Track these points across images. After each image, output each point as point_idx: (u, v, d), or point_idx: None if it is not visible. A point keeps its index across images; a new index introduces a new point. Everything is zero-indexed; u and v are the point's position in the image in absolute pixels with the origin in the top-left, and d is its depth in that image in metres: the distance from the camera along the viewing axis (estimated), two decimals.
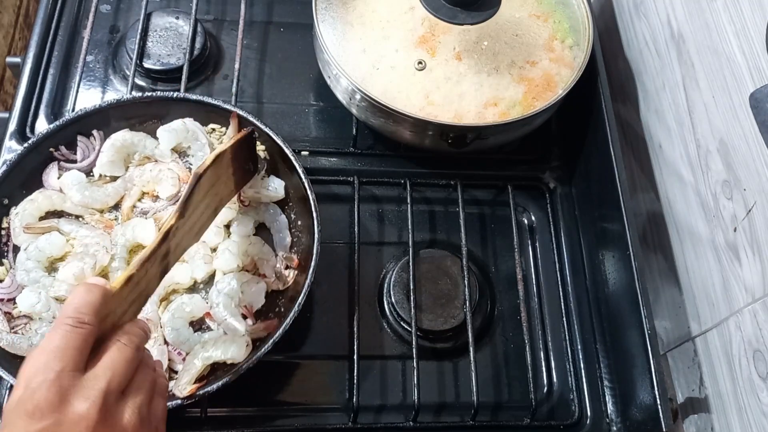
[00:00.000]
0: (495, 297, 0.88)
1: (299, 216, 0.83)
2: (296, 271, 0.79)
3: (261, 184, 0.82)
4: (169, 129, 0.83)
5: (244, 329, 0.74)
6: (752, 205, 0.71)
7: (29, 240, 0.77)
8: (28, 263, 0.76)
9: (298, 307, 0.72)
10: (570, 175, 0.97)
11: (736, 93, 0.73)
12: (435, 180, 0.93)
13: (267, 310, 0.78)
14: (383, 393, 0.81)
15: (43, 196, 0.79)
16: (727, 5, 0.75)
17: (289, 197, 0.84)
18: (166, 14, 0.99)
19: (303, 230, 0.82)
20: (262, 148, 0.84)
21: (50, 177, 0.81)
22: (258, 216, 0.82)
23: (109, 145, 0.82)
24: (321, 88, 0.96)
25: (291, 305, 0.74)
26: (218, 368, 0.74)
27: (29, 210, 0.78)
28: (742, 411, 0.73)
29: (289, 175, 0.82)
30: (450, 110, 0.84)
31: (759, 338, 0.70)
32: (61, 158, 0.82)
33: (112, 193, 0.81)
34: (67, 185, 0.80)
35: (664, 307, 0.90)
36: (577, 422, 0.82)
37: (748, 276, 0.72)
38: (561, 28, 0.91)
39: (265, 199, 0.82)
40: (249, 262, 0.79)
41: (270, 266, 0.79)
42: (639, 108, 0.96)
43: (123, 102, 0.83)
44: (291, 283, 0.79)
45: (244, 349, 0.72)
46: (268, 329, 0.75)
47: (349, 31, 0.87)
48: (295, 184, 0.82)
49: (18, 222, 0.78)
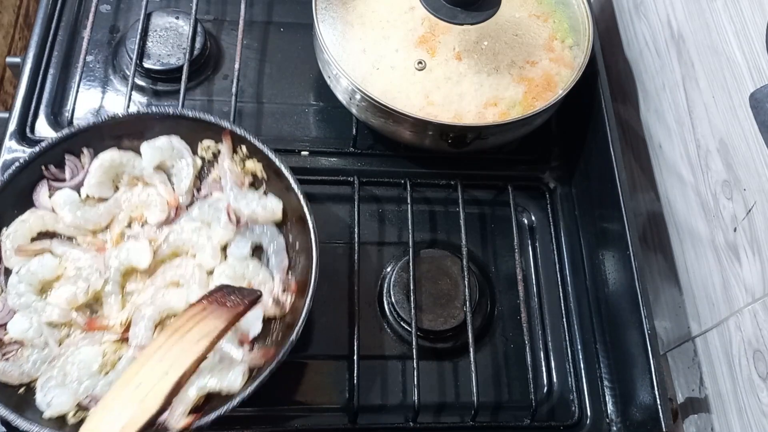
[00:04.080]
0: (495, 297, 0.88)
1: (297, 237, 0.79)
2: (294, 296, 0.76)
3: (258, 205, 0.79)
4: (153, 146, 0.80)
5: (241, 357, 0.72)
6: (752, 205, 0.71)
7: (21, 262, 0.75)
8: (20, 286, 0.73)
9: (296, 335, 0.70)
10: (570, 175, 0.97)
11: (736, 93, 0.73)
12: (435, 180, 0.93)
13: (263, 336, 0.75)
14: (383, 393, 0.81)
15: (34, 216, 0.77)
16: (727, 5, 0.75)
17: (286, 218, 0.80)
18: (166, 14, 0.99)
19: (301, 252, 0.78)
20: (259, 167, 0.81)
21: (41, 196, 0.78)
22: (255, 237, 0.79)
23: (97, 166, 0.79)
24: (321, 88, 0.96)
25: (288, 331, 0.71)
26: (214, 396, 0.71)
27: (21, 231, 0.76)
28: (742, 411, 0.73)
29: (287, 195, 0.79)
30: (450, 110, 0.84)
31: (759, 338, 0.70)
32: (51, 177, 0.79)
33: (104, 213, 0.79)
34: (59, 205, 0.77)
35: (664, 307, 0.90)
36: (577, 422, 0.82)
37: (748, 276, 0.72)
38: (561, 28, 0.91)
39: (262, 220, 0.79)
40: (246, 286, 0.77)
41: (267, 291, 0.76)
42: (639, 108, 0.96)
43: (118, 119, 0.80)
44: (288, 309, 0.76)
45: (241, 378, 0.70)
46: (266, 357, 0.72)
47: (349, 31, 0.87)
48: (293, 204, 0.78)
49: (9, 244, 0.75)
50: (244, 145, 0.81)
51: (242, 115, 0.95)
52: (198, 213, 0.80)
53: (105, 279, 0.76)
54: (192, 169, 0.81)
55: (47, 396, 0.69)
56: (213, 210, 0.80)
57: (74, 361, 0.71)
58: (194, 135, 0.82)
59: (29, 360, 0.71)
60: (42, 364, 0.71)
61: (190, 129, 0.81)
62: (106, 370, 0.72)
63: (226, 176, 0.81)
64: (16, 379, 0.70)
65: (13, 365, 0.71)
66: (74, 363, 0.71)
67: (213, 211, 0.79)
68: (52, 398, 0.69)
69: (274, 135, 0.94)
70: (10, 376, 0.70)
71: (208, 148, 0.83)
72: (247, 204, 0.79)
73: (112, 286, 0.76)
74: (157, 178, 0.81)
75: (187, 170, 0.81)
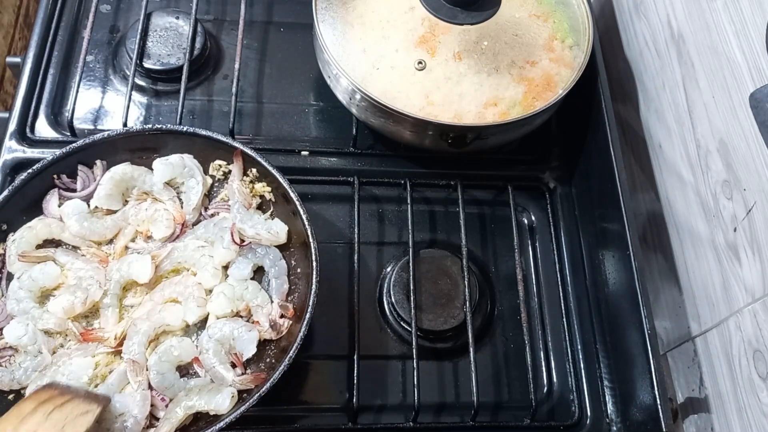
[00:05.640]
0: (495, 297, 0.88)
1: (299, 262, 0.79)
2: (291, 321, 0.76)
3: (263, 227, 0.80)
4: (165, 162, 0.81)
5: (232, 379, 0.72)
6: (752, 205, 0.71)
7: (23, 268, 0.75)
8: (19, 292, 0.74)
9: (289, 360, 0.69)
10: (570, 175, 0.97)
11: (736, 93, 0.73)
12: (435, 180, 0.93)
13: (257, 359, 0.75)
14: (383, 393, 0.81)
15: (42, 224, 0.78)
16: (727, 5, 0.75)
17: (291, 242, 0.80)
18: (166, 14, 0.99)
19: (302, 277, 0.79)
20: (268, 190, 0.82)
21: (50, 205, 0.79)
22: (257, 259, 0.79)
23: (108, 178, 0.80)
24: (321, 88, 0.96)
25: (282, 356, 0.71)
26: (201, 418, 0.71)
27: (27, 237, 0.76)
28: (742, 411, 0.73)
29: (293, 220, 0.79)
30: (450, 110, 0.84)
31: (759, 338, 0.70)
32: (62, 186, 0.80)
33: (110, 226, 0.79)
34: (67, 214, 0.78)
35: (664, 307, 0.90)
36: (577, 422, 0.82)
37: (748, 276, 0.72)
38: (561, 28, 0.91)
39: (266, 242, 0.80)
40: (243, 307, 0.77)
41: (264, 314, 0.76)
42: (639, 108, 0.96)
43: (133, 133, 0.81)
44: (285, 333, 0.76)
45: (229, 401, 0.69)
46: (256, 382, 0.72)
47: (349, 31, 0.87)
48: (297, 230, 0.79)
49: (14, 249, 0.76)
50: (255, 167, 0.82)
51: (242, 115, 0.95)
52: (203, 231, 0.80)
53: (104, 291, 0.76)
54: (201, 187, 0.82)
55: None
56: (218, 229, 0.80)
57: (65, 371, 0.71)
58: (207, 154, 0.83)
59: (21, 367, 0.71)
60: (33, 371, 0.71)
61: (204, 147, 0.82)
62: (96, 382, 0.72)
63: (234, 197, 0.81)
64: (6, 385, 0.71)
65: (5, 371, 0.71)
66: (65, 373, 0.71)
67: (218, 230, 0.80)
68: None
69: (274, 135, 0.95)
70: (1, 382, 0.70)
71: (219, 167, 0.84)
72: (252, 225, 0.80)
73: (111, 299, 0.76)
74: (166, 195, 0.82)
75: (197, 188, 0.82)
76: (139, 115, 0.94)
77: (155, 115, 0.94)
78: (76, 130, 0.89)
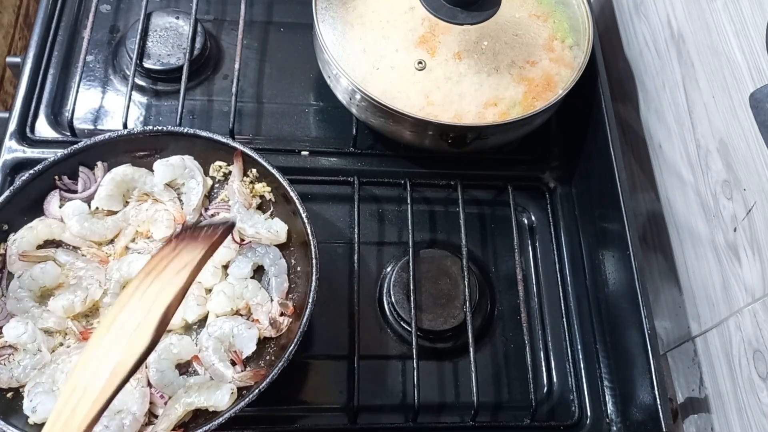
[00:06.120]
0: (495, 297, 0.88)
1: (299, 261, 0.80)
2: (290, 319, 0.76)
3: (263, 227, 0.80)
4: (166, 163, 0.82)
5: (231, 376, 0.72)
6: (752, 205, 0.71)
7: (24, 268, 0.75)
8: (19, 292, 0.74)
9: (289, 355, 0.69)
10: (570, 175, 0.97)
11: (736, 93, 0.73)
12: (435, 180, 0.93)
13: (256, 356, 0.75)
14: (383, 393, 0.81)
15: (43, 224, 0.78)
16: (727, 5, 0.75)
17: (290, 241, 0.81)
18: (166, 14, 0.99)
19: (302, 276, 0.79)
20: (268, 190, 0.82)
21: (51, 205, 0.79)
22: (257, 258, 0.79)
23: (109, 179, 0.80)
24: (321, 88, 0.96)
25: (281, 353, 0.71)
26: (200, 415, 0.71)
27: (27, 238, 0.77)
28: (742, 411, 0.73)
29: (293, 219, 0.80)
30: (450, 110, 0.84)
31: (759, 338, 0.70)
32: (63, 188, 0.80)
33: (111, 227, 0.80)
34: (68, 215, 0.78)
35: (664, 307, 0.90)
36: (577, 422, 0.82)
37: (748, 276, 0.72)
38: (561, 28, 0.91)
39: (266, 241, 0.80)
40: (243, 305, 0.77)
41: (264, 312, 0.76)
42: (639, 108, 0.96)
43: (134, 135, 0.81)
44: (284, 330, 0.76)
45: (229, 397, 0.69)
46: (255, 378, 0.72)
47: (349, 31, 0.87)
48: (298, 229, 0.79)
49: (15, 249, 0.76)
50: (255, 168, 0.82)
51: (242, 115, 0.95)
52: None
53: (104, 290, 0.76)
54: (202, 188, 0.82)
55: (34, 402, 0.69)
56: None
57: (64, 369, 0.72)
58: (207, 155, 0.83)
59: (20, 365, 0.71)
60: (32, 370, 0.71)
61: (204, 148, 0.83)
62: None
63: (234, 197, 0.81)
64: (5, 383, 0.71)
65: (4, 369, 0.71)
66: (64, 371, 0.71)
67: None
68: (38, 404, 0.69)
69: (274, 135, 0.95)
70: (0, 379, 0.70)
71: (219, 168, 0.84)
72: (252, 225, 0.80)
73: (111, 298, 0.76)
74: (167, 195, 0.82)
75: (197, 189, 0.82)
76: (139, 115, 0.94)
77: (155, 115, 0.94)
78: (76, 130, 0.89)
